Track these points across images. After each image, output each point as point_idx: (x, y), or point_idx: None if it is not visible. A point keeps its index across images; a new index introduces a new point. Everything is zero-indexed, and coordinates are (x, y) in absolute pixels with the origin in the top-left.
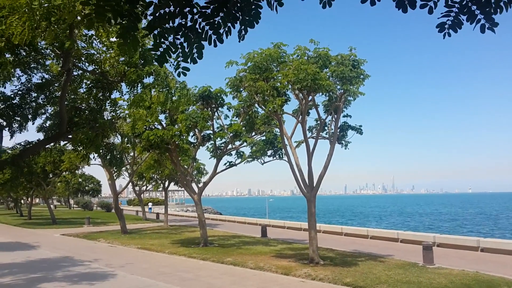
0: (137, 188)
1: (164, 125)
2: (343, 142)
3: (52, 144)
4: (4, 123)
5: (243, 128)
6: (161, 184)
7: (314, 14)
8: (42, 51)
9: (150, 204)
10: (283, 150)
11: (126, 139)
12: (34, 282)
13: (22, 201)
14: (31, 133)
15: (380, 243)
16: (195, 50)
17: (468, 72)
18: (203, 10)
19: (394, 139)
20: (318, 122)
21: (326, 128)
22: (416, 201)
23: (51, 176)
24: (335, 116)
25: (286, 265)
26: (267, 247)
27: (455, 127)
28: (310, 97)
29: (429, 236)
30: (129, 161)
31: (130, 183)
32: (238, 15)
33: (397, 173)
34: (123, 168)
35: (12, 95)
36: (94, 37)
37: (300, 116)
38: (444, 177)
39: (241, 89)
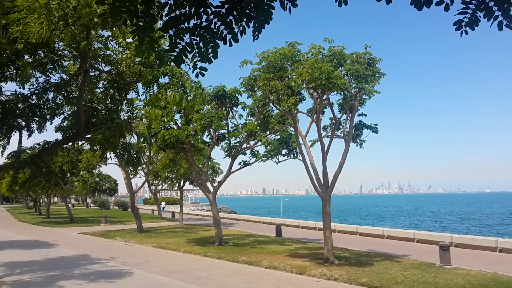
0: (152, 187)
1: (179, 124)
2: (358, 141)
3: (70, 143)
4: (23, 123)
5: (258, 127)
6: (177, 183)
7: (330, 13)
8: (60, 52)
9: (163, 203)
10: (297, 149)
11: (142, 139)
12: (53, 279)
13: (41, 200)
14: (50, 133)
15: (396, 243)
16: (210, 50)
17: (488, 70)
18: (218, 10)
19: (410, 137)
20: (333, 121)
21: (341, 127)
22: (432, 200)
23: (69, 175)
24: (350, 115)
25: (300, 264)
26: (282, 246)
27: (473, 125)
28: (325, 96)
29: (446, 236)
30: (145, 160)
31: (146, 182)
32: (252, 14)
33: (413, 172)
34: (139, 168)
35: (31, 96)
36: (110, 38)
37: (315, 115)
38: (461, 176)
39: (256, 88)
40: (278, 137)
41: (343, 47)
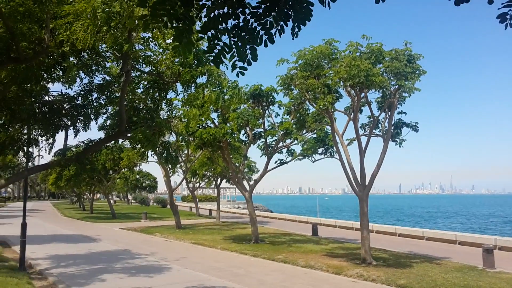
0: (190, 185)
1: (217, 123)
2: (397, 139)
3: (112, 142)
4: (69, 123)
5: (294, 126)
6: (214, 181)
7: (368, 10)
8: (103, 53)
9: (197, 200)
10: (334, 148)
11: (180, 138)
12: (96, 273)
13: (85, 196)
14: (93, 132)
15: (437, 244)
16: (249, 52)
17: None
18: (255, 10)
19: (452, 136)
20: (371, 119)
21: (379, 125)
22: (476, 201)
23: (111, 172)
24: (389, 113)
25: (337, 264)
26: (318, 245)
27: None
28: (363, 94)
29: (489, 238)
30: (183, 158)
31: (184, 180)
32: (290, 13)
33: (455, 172)
34: (178, 166)
35: (76, 96)
36: (150, 39)
37: (352, 114)
38: (506, 176)
39: (292, 87)
40: (315, 135)
41: (381, 44)
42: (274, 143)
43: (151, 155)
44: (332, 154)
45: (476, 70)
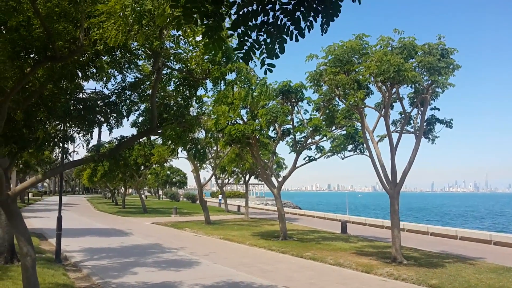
0: (219, 181)
1: (245, 120)
2: (430, 136)
3: (144, 138)
4: (102, 119)
5: (323, 122)
6: (242, 178)
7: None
8: (135, 52)
9: (220, 196)
10: (364, 144)
11: (209, 134)
12: (128, 266)
13: (117, 191)
14: (126, 129)
15: (470, 244)
16: (277, 46)
17: None
18: (285, 7)
19: (488, 132)
20: (403, 115)
21: (411, 121)
22: None
23: (142, 168)
24: (422, 109)
25: (366, 262)
26: (347, 243)
27: None
28: (394, 90)
29: None
30: (212, 155)
31: (213, 176)
32: (319, 8)
33: (491, 169)
34: (207, 162)
35: (110, 94)
36: (180, 37)
37: (383, 110)
38: None
39: (321, 83)
40: (344, 132)
41: (414, 38)
42: (303, 139)
43: (181, 151)
44: (362, 151)
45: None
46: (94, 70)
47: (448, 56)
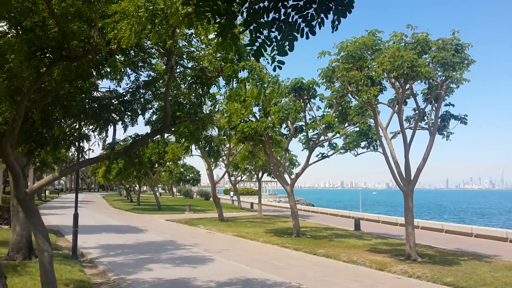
0: (232, 178)
1: (258, 117)
2: (444, 132)
3: (158, 136)
4: (117, 118)
5: (336, 119)
6: (255, 175)
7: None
8: (148, 50)
9: (232, 193)
10: (377, 141)
11: (222, 132)
12: (143, 262)
13: (132, 189)
14: (140, 127)
15: (486, 242)
16: (286, 43)
17: None
18: (296, 3)
19: (504, 127)
20: (416, 111)
21: (425, 118)
22: None
23: (156, 165)
24: (436, 105)
25: (380, 260)
26: (361, 240)
27: None
28: (408, 86)
29: None
30: (225, 152)
31: (226, 174)
32: (331, 5)
33: (507, 166)
34: (220, 159)
35: (124, 93)
36: (193, 35)
37: (397, 106)
38: None
39: (334, 79)
40: (357, 129)
41: (427, 34)
42: (315, 136)
43: (195, 148)
44: (375, 147)
45: None
46: (108, 69)
47: (462, 51)
